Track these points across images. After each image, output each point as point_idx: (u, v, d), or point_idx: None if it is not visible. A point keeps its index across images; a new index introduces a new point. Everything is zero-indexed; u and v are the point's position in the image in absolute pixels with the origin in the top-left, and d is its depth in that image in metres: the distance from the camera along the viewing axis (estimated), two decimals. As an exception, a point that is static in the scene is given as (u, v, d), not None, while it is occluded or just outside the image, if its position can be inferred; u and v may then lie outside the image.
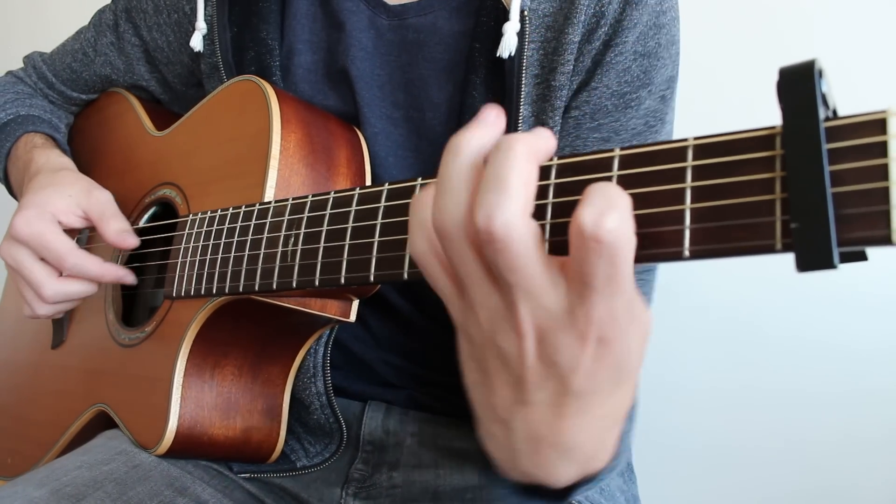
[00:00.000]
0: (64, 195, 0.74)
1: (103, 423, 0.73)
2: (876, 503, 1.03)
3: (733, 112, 1.06)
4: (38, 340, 0.86)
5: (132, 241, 0.73)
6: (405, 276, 0.45)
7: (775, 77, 0.33)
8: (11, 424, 0.87)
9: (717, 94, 1.08)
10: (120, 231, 0.72)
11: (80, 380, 0.77)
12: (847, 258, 0.33)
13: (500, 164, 0.34)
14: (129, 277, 0.73)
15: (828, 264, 0.30)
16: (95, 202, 0.74)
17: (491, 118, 0.37)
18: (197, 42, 0.78)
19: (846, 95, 0.42)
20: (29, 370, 0.87)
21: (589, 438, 0.39)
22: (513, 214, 0.33)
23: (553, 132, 0.65)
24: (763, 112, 0.41)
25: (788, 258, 0.40)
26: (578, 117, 0.67)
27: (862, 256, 0.34)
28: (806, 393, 1.05)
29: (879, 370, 1.02)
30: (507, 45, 0.64)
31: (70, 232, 0.74)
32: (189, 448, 0.65)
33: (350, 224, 0.50)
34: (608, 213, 0.31)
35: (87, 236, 0.86)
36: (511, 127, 0.65)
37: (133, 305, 0.83)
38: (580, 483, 0.45)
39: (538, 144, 0.35)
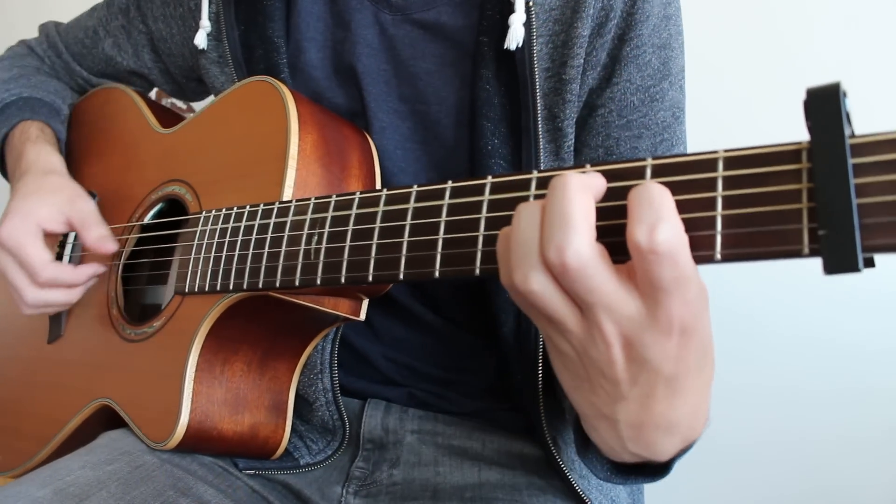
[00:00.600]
0: (48, 203, 0.77)
1: (104, 418, 0.73)
2: (876, 503, 1.06)
3: (735, 113, 1.08)
4: (33, 335, 0.85)
5: (111, 246, 0.76)
6: (437, 274, 0.47)
7: (802, 96, 0.36)
8: (3, 420, 0.86)
9: (719, 95, 1.10)
10: (99, 237, 0.76)
11: (80, 375, 0.77)
12: (866, 264, 0.36)
13: (558, 201, 0.37)
14: (100, 269, 0.77)
15: (853, 268, 0.33)
16: (78, 211, 0.77)
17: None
18: (201, 40, 0.79)
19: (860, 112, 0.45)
20: (23, 365, 0.86)
21: (686, 413, 0.43)
22: (580, 244, 0.36)
23: (565, 126, 0.67)
24: (763, 111, 0.43)
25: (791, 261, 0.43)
26: (606, 115, 0.68)
27: (870, 263, 0.38)
28: (807, 391, 1.07)
29: (881, 369, 1.05)
30: (515, 37, 0.65)
31: (55, 237, 0.78)
32: (198, 442, 0.65)
33: (378, 224, 0.51)
34: (658, 225, 0.35)
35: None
36: (528, 119, 0.66)
37: (134, 302, 0.83)
38: (681, 451, 0.48)
39: (589, 180, 0.39)
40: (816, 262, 0.34)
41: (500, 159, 0.67)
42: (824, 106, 0.35)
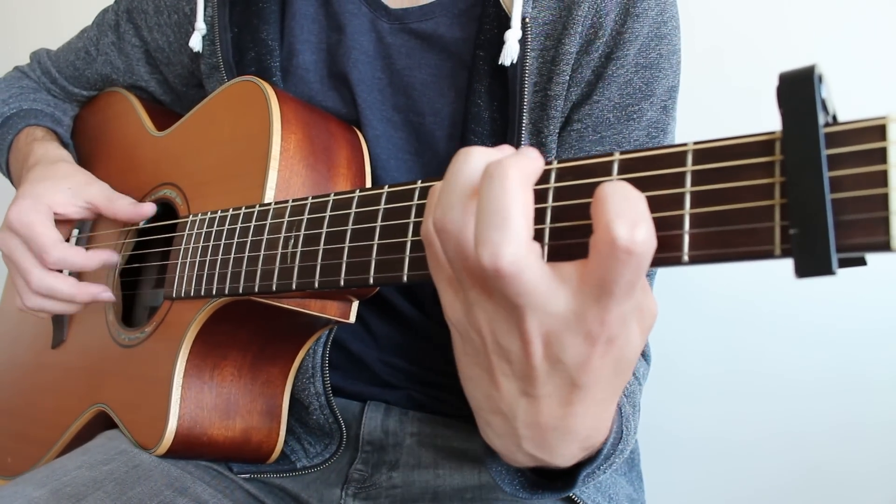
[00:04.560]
0: (62, 188, 0.75)
1: (103, 423, 0.73)
2: (877, 497, 1.02)
3: (735, 116, 1.06)
4: (38, 340, 0.86)
5: (147, 210, 0.74)
6: (405, 278, 0.45)
7: (775, 82, 0.33)
8: (11, 424, 0.87)
9: (720, 98, 1.07)
10: (131, 204, 0.75)
11: (79, 380, 0.77)
12: (846, 263, 0.33)
13: (496, 196, 0.33)
14: (113, 258, 0.74)
15: (826, 270, 0.30)
16: (98, 191, 0.76)
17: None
18: (196, 42, 0.79)
19: (847, 100, 0.42)
20: (29, 370, 0.87)
21: (587, 424, 0.40)
22: (518, 248, 0.33)
23: (548, 141, 0.66)
24: (766, 116, 0.40)
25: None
26: (581, 130, 0.67)
27: (861, 262, 0.34)
28: (807, 386, 1.04)
29: (881, 358, 1.01)
30: (510, 53, 0.64)
31: (68, 223, 0.76)
32: (189, 448, 0.65)
33: (350, 226, 0.50)
34: (639, 224, 0.31)
35: (87, 235, 0.86)
36: (513, 134, 0.65)
37: (132, 306, 0.83)
38: (584, 462, 0.46)
39: (530, 167, 0.35)
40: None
41: None
42: (797, 92, 0.32)
